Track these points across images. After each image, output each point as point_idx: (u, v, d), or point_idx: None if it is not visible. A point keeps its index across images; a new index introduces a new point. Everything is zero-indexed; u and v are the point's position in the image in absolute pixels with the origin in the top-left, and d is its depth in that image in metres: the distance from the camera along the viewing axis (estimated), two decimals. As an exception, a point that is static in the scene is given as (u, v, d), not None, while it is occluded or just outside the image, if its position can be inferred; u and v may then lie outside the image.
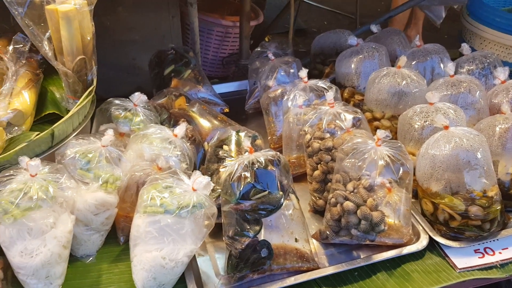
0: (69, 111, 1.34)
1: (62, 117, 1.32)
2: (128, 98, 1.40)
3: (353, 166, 1.12)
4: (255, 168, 1.11)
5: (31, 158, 1.18)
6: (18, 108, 1.18)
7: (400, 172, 1.12)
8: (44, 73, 1.42)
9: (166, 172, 1.14)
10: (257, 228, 1.11)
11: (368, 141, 1.15)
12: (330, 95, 1.28)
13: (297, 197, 1.16)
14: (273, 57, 1.69)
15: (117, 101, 1.41)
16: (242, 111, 1.78)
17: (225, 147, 1.34)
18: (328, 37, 1.87)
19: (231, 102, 1.77)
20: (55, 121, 1.32)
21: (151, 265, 1.07)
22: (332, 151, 1.24)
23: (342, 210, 1.13)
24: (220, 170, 1.28)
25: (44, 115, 1.35)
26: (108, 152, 1.19)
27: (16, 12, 1.19)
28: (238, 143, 1.34)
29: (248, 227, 1.11)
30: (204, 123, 1.50)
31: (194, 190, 1.08)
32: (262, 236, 1.12)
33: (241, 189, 1.10)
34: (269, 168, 1.12)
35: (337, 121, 1.27)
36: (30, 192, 1.04)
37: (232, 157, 1.31)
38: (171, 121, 1.47)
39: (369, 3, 4.16)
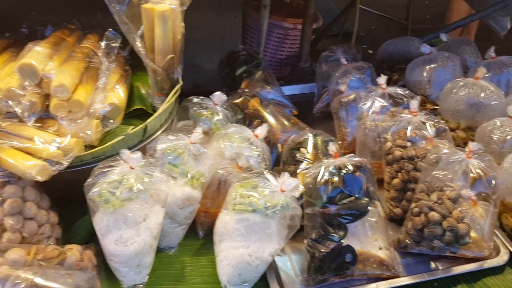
0: (154, 107, 1.39)
1: (147, 112, 1.38)
2: (208, 97, 1.44)
3: (444, 177, 1.13)
4: (343, 173, 1.13)
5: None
6: (114, 102, 1.23)
7: (491, 185, 1.12)
8: (129, 69, 1.48)
9: (253, 172, 1.17)
10: (342, 233, 1.13)
11: (457, 152, 1.15)
12: (414, 103, 1.29)
13: (382, 205, 1.17)
14: (345, 62, 1.70)
15: (196, 99, 1.45)
16: (308, 114, 1.80)
17: (302, 149, 1.36)
18: (397, 44, 1.87)
19: (295, 104, 1.79)
20: (140, 116, 1.37)
21: (238, 262, 1.10)
22: (415, 160, 1.24)
23: (427, 220, 1.14)
24: (298, 172, 1.31)
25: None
26: (196, 149, 1.23)
27: (115, 9, 1.24)
28: (316, 146, 1.36)
29: (333, 231, 1.13)
30: (277, 124, 1.52)
31: (282, 191, 1.11)
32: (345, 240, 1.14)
33: (329, 193, 1.12)
34: (356, 174, 1.14)
35: (420, 130, 1.27)
36: (128, 183, 1.08)
37: (310, 160, 1.33)
38: (246, 121, 1.50)
39: (418, 10, 4.10)
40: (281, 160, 1.40)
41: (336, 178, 1.12)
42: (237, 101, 1.54)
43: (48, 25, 1.47)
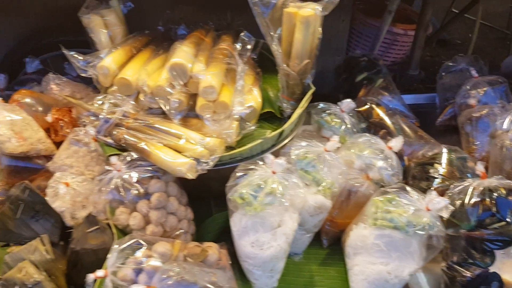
0: (282, 111, 1.38)
1: (272, 115, 1.38)
2: (337, 104, 1.42)
3: None
4: (495, 196, 1.06)
5: (258, 154, 1.25)
6: (253, 105, 1.24)
7: None
8: (257, 72, 1.48)
9: (394, 186, 1.13)
10: (489, 259, 1.07)
11: None
12: None
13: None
14: (476, 75, 1.60)
15: (322, 105, 1.44)
16: (428, 126, 1.72)
17: (436, 165, 1.30)
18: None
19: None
20: (268, 119, 1.38)
21: (375, 278, 1.07)
22: None
23: None
24: (431, 190, 1.24)
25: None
26: (330, 157, 1.21)
27: (258, 12, 1.24)
28: (451, 163, 1.29)
29: (479, 256, 1.07)
30: (403, 136, 1.46)
31: (428, 210, 1.06)
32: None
33: (479, 215, 1.06)
34: (510, 197, 1.07)
35: None
36: (270, 188, 1.08)
37: (445, 177, 1.27)
38: (371, 130, 1.46)
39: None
40: (409, 175, 1.34)
41: (487, 200, 1.06)
42: (361, 109, 1.50)
43: (181, 24, 1.51)
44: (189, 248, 1.08)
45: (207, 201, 1.39)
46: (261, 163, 1.12)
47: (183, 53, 1.20)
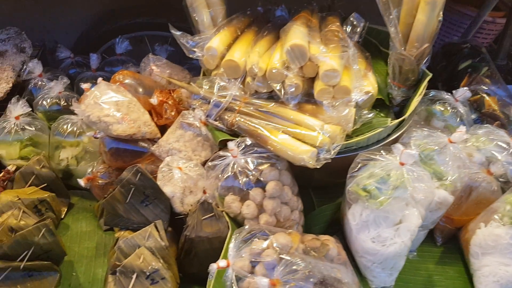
0: (391, 98, 1.30)
1: (382, 103, 1.29)
2: (451, 93, 1.32)
3: None
4: None
5: (373, 144, 1.17)
6: (370, 91, 1.16)
7: None
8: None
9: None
10: None
11: None
12: None
13: None
14: None
15: (433, 93, 1.35)
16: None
17: None
18: None
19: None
20: (375, 106, 1.29)
21: (509, 280, 0.99)
22: None
23: None
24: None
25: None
26: (456, 149, 1.12)
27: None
28: None
29: None
30: (518, 128, 1.36)
31: None
32: None
33: None
34: None
35: None
36: (397, 181, 1.01)
37: None
38: (483, 122, 1.36)
39: None
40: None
41: None
42: (471, 98, 1.40)
43: (281, 5, 1.44)
44: (308, 241, 1.02)
45: (306, 190, 1.32)
46: (383, 153, 1.05)
47: (300, 34, 1.13)
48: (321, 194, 1.31)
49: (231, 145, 1.05)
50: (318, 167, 1.01)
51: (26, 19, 1.96)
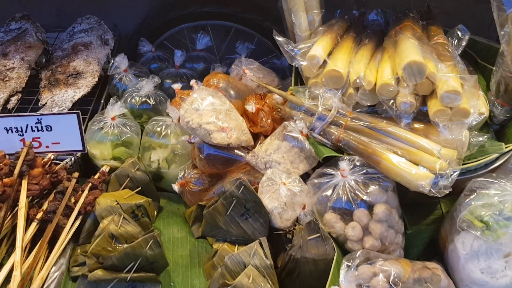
0: (492, 116, 1.23)
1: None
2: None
3: None
4: None
5: (481, 167, 1.12)
6: (483, 112, 1.11)
7: None
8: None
9: None
10: None
11: None
12: None
13: None
14: None
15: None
16: None
17: None
18: None
19: None
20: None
21: None
22: None
23: None
24: None
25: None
26: None
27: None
28: None
29: None
30: None
31: None
32: None
33: None
34: None
35: None
36: (509, 211, 0.96)
37: None
38: None
39: None
40: None
41: None
42: None
43: (374, 9, 1.38)
44: (418, 270, 0.99)
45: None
46: (501, 181, 1.00)
47: (416, 49, 1.07)
48: (412, 212, 1.27)
49: (343, 165, 1.01)
50: (439, 196, 0.97)
51: (86, 3, 1.89)
